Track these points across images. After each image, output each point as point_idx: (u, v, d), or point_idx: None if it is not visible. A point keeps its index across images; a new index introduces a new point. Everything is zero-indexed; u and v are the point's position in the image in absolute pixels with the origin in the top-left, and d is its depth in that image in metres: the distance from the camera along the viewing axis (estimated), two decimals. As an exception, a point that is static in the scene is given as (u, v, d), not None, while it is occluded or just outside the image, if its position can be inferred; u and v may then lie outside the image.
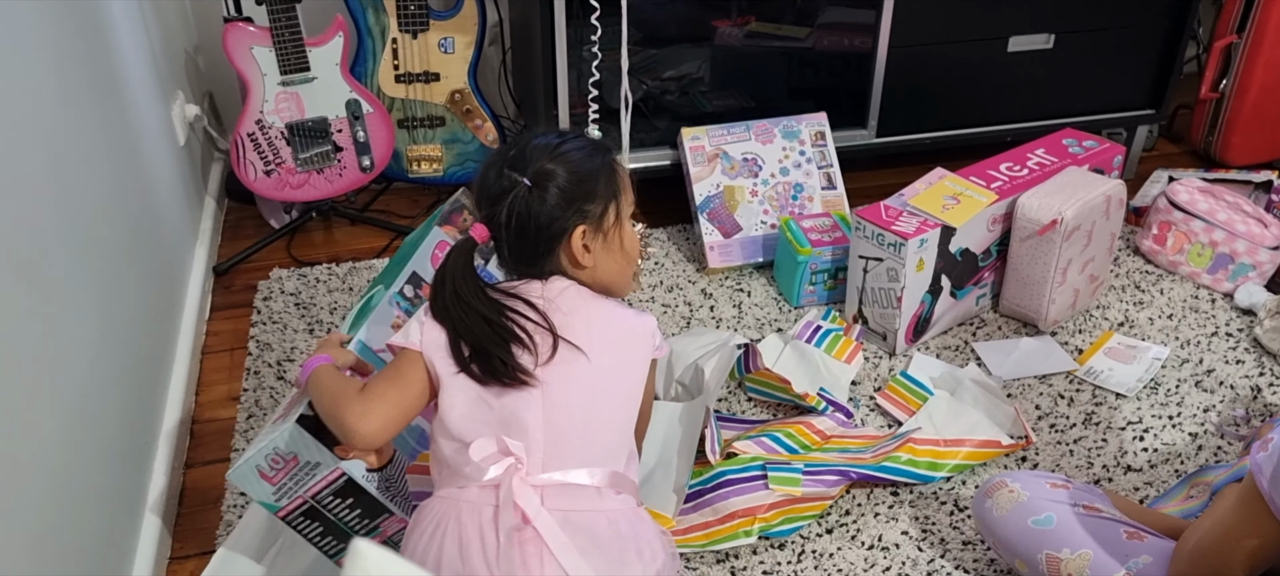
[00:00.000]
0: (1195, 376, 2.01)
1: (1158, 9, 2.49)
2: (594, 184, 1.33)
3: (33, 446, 1.22)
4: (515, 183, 1.30)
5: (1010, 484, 1.55)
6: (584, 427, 1.30)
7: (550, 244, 1.33)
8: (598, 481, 1.29)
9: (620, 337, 1.36)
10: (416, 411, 1.32)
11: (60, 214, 1.42)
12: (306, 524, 1.45)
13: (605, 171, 1.35)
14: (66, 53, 1.57)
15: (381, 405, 1.28)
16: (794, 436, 1.80)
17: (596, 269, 1.36)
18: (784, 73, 2.58)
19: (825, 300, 2.19)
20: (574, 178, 1.32)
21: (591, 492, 1.29)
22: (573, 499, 1.28)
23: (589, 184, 1.33)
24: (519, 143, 1.35)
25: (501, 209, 1.30)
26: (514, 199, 1.29)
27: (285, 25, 2.20)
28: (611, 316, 1.36)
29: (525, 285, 1.34)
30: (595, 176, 1.34)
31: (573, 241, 1.32)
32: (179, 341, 1.99)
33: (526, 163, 1.31)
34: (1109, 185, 2.06)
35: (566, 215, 1.31)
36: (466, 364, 1.28)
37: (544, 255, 1.34)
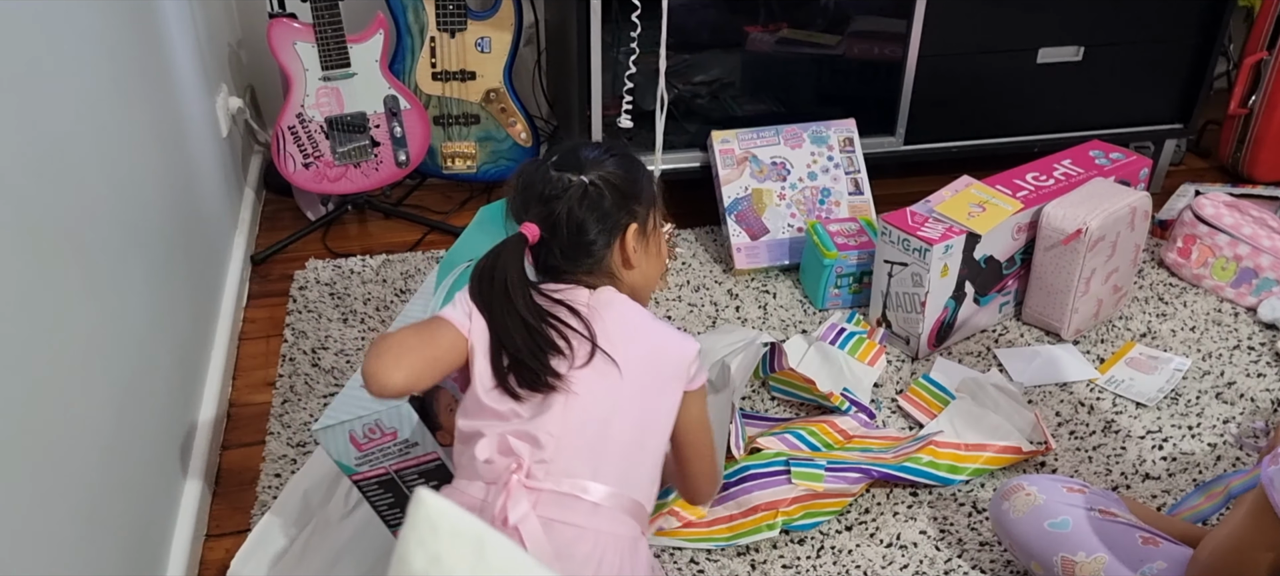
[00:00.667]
0: (1216, 388, 2.03)
1: (1188, 23, 2.51)
2: (641, 185, 1.37)
3: (85, 424, 1.27)
4: (571, 182, 1.31)
5: (1027, 487, 1.58)
6: (599, 441, 1.27)
7: (607, 241, 1.33)
8: (599, 498, 1.25)
9: (659, 361, 1.33)
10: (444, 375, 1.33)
11: (113, 200, 1.48)
12: (380, 493, 1.48)
13: (648, 176, 1.39)
14: (120, 45, 1.63)
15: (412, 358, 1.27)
16: (817, 434, 1.84)
17: (637, 274, 1.38)
18: (814, 79, 2.61)
19: (850, 303, 2.22)
20: (626, 178, 1.34)
21: (587, 508, 1.24)
22: (566, 510, 1.24)
23: (638, 185, 1.36)
24: (564, 148, 1.37)
25: (559, 207, 1.30)
26: (571, 197, 1.31)
27: (328, 22, 2.26)
28: (655, 337, 1.35)
29: (572, 291, 1.34)
30: (641, 179, 1.37)
31: (627, 239, 1.34)
32: (218, 327, 2.05)
33: (580, 165, 1.33)
34: (1134, 197, 2.08)
35: (620, 213, 1.33)
36: (504, 372, 1.27)
37: (598, 254, 1.34)
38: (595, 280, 1.35)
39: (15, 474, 1.07)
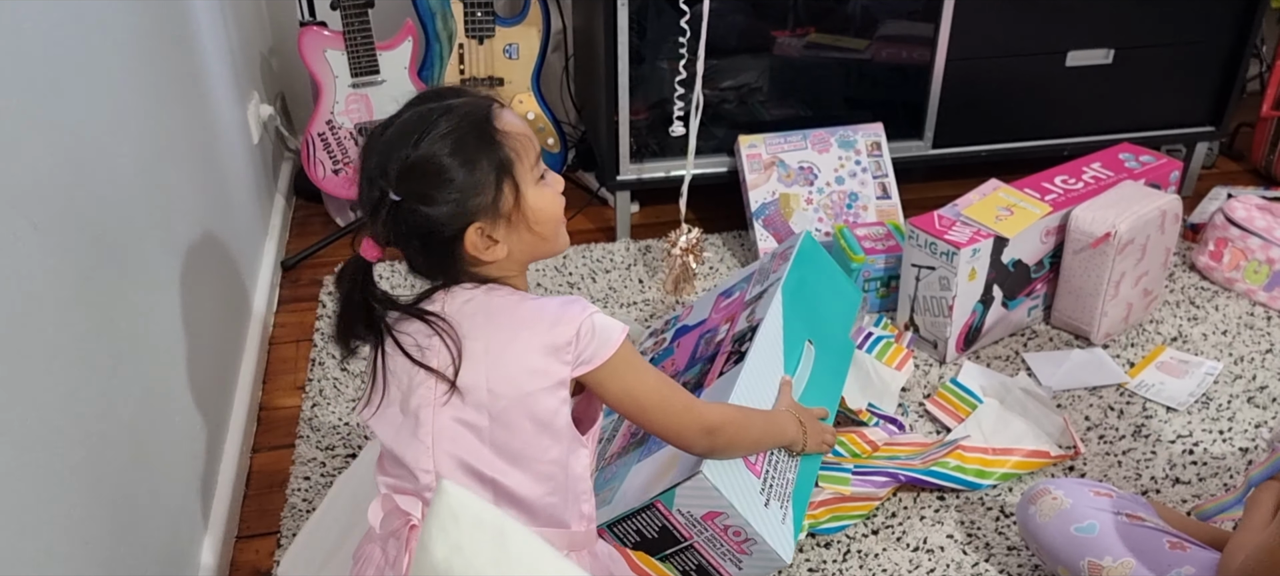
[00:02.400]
0: (1248, 392, 2.01)
1: (1220, 25, 2.49)
2: (474, 173, 1.14)
3: (118, 421, 1.30)
4: (381, 196, 1.14)
5: (1054, 491, 1.57)
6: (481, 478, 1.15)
7: (445, 249, 1.18)
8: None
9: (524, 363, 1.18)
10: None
11: (146, 205, 1.51)
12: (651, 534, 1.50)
13: (485, 150, 1.15)
14: (154, 53, 1.66)
15: None
16: (845, 444, 1.83)
17: (511, 254, 1.21)
18: (842, 83, 2.61)
19: (878, 307, 2.21)
20: (445, 177, 1.13)
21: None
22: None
23: (468, 175, 1.14)
24: (376, 139, 1.17)
25: (378, 226, 1.16)
26: (386, 215, 1.14)
27: (358, 29, 2.28)
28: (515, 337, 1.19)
29: (426, 300, 1.22)
30: (473, 164, 1.14)
31: (468, 243, 1.17)
32: (249, 331, 2.07)
33: (388, 168, 1.13)
34: (1164, 200, 2.06)
35: (451, 221, 1.15)
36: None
37: (444, 262, 1.21)
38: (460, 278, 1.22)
39: (49, 474, 1.09)
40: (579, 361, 1.19)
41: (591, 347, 1.19)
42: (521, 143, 1.19)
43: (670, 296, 2.27)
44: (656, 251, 2.40)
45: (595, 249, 2.46)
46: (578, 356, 1.19)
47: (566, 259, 2.42)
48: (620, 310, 2.24)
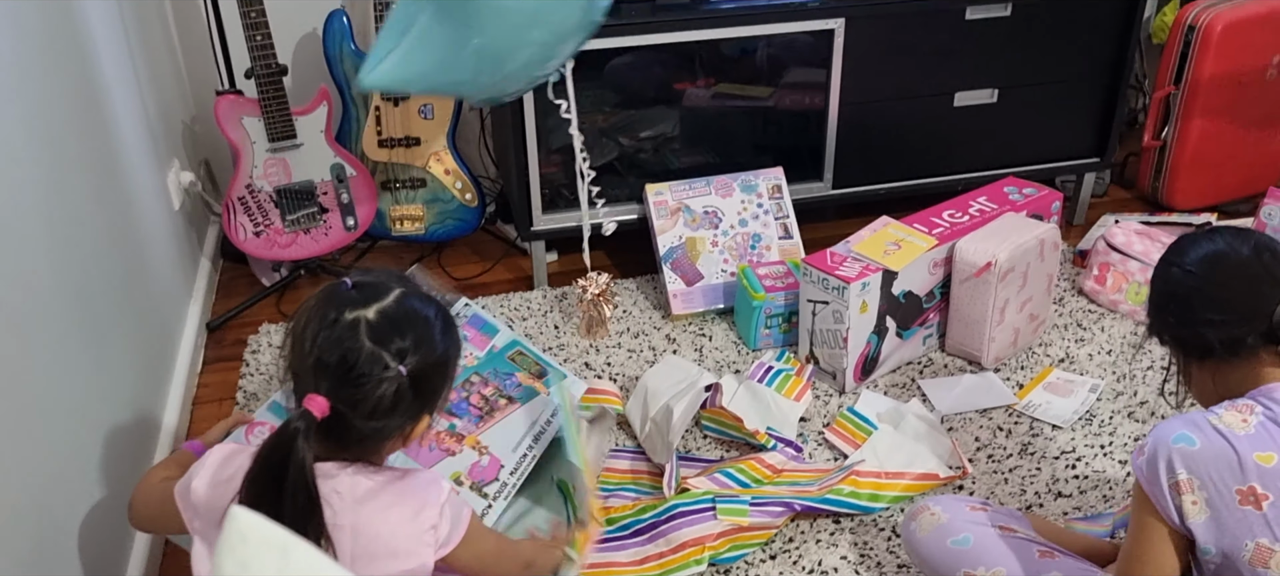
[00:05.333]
0: (1129, 408, 2.12)
1: (1097, 62, 2.64)
2: (451, 368, 1.26)
3: (21, 497, 1.35)
4: (386, 371, 1.17)
5: (933, 507, 1.66)
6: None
7: (398, 431, 1.24)
8: None
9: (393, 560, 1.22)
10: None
11: (53, 276, 1.56)
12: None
13: (456, 346, 1.28)
14: (62, 123, 1.72)
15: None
16: (746, 471, 1.92)
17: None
18: (749, 130, 2.73)
19: (780, 342, 2.31)
20: (441, 363, 1.23)
21: None
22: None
23: (450, 368, 1.26)
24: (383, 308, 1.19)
25: (365, 393, 1.16)
26: (385, 388, 1.17)
27: (273, 96, 2.36)
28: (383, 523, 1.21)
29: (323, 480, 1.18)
30: (453, 359, 1.26)
31: (415, 431, 1.25)
32: (170, 393, 2.12)
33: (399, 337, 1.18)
34: (1042, 229, 2.19)
35: (422, 406, 1.24)
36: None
37: (380, 444, 1.24)
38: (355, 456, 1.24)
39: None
40: (441, 544, 1.25)
41: (452, 532, 1.27)
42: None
43: (584, 340, 2.36)
44: (572, 298, 2.49)
45: (513, 298, 2.55)
46: (439, 543, 1.25)
47: (485, 307, 2.49)
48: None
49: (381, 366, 1.17)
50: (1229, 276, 1.37)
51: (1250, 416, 1.32)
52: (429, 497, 1.25)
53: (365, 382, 1.16)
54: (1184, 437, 1.32)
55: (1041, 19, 2.54)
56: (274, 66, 2.34)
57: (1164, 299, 1.45)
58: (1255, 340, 1.35)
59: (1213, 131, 2.75)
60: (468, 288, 2.63)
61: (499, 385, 1.90)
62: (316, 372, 1.17)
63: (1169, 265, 1.44)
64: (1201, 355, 1.42)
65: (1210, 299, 1.38)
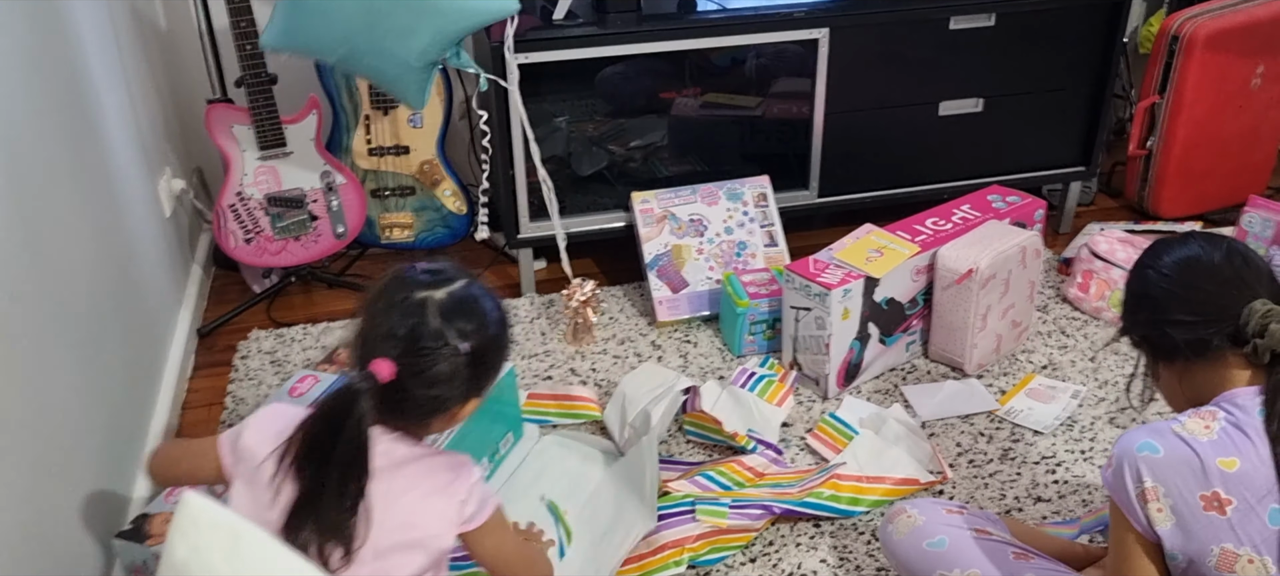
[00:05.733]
0: (1109, 414, 2.14)
1: (1081, 73, 2.66)
2: (504, 356, 1.34)
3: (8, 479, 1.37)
4: (448, 347, 1.25)
5: (909, 510, 1.67)
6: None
7: (448, 410, 1.30)
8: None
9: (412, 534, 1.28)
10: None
11: (42, 278, 1.58)
12: None
13: (510, 342, 1.36)
14: (51, 131, 1.75)
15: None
16: (726, 474, 1.94)
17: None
18: (736, 139, 2.75)
19: (764, 349, 2.33)
20: (496, 350, 1.31)
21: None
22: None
23: (503, 356, 1.33)
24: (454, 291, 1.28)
25: (427, 366, 1.23)
26: (445, 363, 1.24)
27: (263, 105, 2.39)
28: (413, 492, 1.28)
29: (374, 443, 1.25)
30: (506, 348, 1.34)
31: (464, 410, 1.31)
32: (159, 398, 2.14)
33: (464, 319, 1.26)
34: (1024, 237, 2.21)
35: (474, 388, 1.30)
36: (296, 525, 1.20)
37: (429, 419, 1.31)
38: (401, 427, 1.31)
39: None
40: (466, 520, 1.31)
41: (478, 512, 1.33)
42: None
43: (570, 346, 2.38)
44: (560, 305, 2.50)
45: (501, 305, 2.57)
46: (464, 518, 1.31)
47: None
48: (521, 361, 2.33)
49: (445, 343, 1.24)
50: (1199, 279, 1.39)
51: (1213, 423, 1.33)
52: (460, 476, 1.32)
53: (429, 355, 1.23)
54: (1148, 446, 1.33)
55: (1026, 29, 2.56)
56: (264, 75, 2.37)
57: (1136, 299, 1.47)
58: (1221, 342, 1.37)
59: (1197, 140, 2.77)
60: (457, 295, 2.65)
61: None
62: (385, 341, 1.23)
63: (1144, 267, 1.46)
64: (1169, 356, 1.43)
65: (1180, 300, 1.39)
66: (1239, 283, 1.36)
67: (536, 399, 2.16)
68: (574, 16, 2.42)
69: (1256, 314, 1.32)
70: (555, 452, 2.03)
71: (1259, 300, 1.33)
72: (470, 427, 1.83)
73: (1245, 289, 1.36)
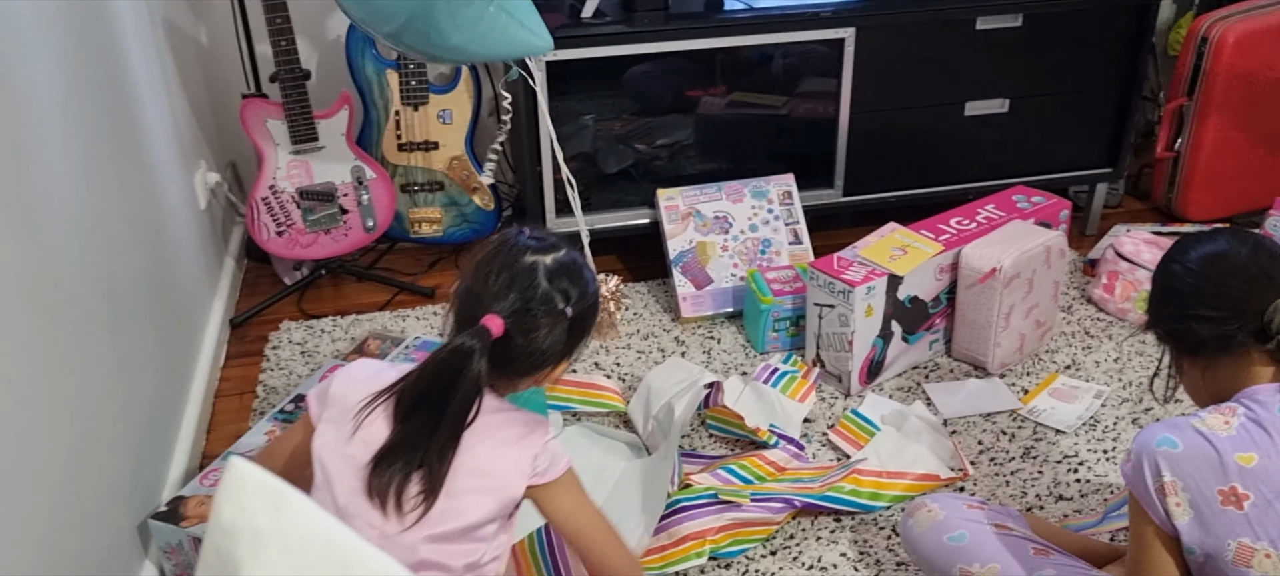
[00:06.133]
0: (1133, 414, 2.14)
1: (1108, 75, 2.66)
2: (591, 325, 1.41)
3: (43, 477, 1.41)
4: (557, 309, 1.32)
5: (930, 504, 1.69)
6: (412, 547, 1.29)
7: (545, 365, 1.36)
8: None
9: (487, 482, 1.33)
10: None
11: (83, 266, 1.63)
12: None
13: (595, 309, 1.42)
14: (94, 124, 1.79)
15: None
16: (748, 468, 1.96)
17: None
18: (762, 138, 2.77)
19: (788, 346, 2.35)
20: (589, 314, 1.39)
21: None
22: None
23: (592, 323, 1.41)
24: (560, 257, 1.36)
25: (535, 324, 1.31)
26: (552, 321, 1.32)
27: (296, 100, 2.43)
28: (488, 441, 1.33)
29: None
30: (594, 318, 1.42)
31: (556, 372, 1.39)
32: (193, 385, 2.19)
33: (567, 283, 1.34)
34: (1048, 236, 2.21)
35: (570, 347, 1.38)
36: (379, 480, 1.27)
37: (526, 376, 1.37)
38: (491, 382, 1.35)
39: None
40: (536, 474, 1.35)
41: (549, 468, 1.36)
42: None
43: (594, 341, 2.40)
44: (585, 300, 2.53)
45: (527, 300, 2.60)
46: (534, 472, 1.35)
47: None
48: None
49: (553, 305, 1.32)
50: (1225, 274, 1.40)
51: (1233, 418, 1.34)
52: (535, 431, 1.37)
53: (537, 315, 1.31)
54: (1167, 441, 1.34)
55: (1053, 30, 2.57)
56: (298, 71, 2.41)
57: (1163, 294, 1.48)
58: (1245, 338, 1.38)
59: (1226, 143, 2.76)
60: (484, 289, 2.69)
61: None
62: (496, 300, 1.31)
63: (1170, 262, 1.47)
64: (1193, 350, 1.44)
65: (1205, 295, 1.40)
66: (1265, 279, 1.37)
67: (561, 385, 2.18)
68: (602, 15, 2.45)
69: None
70: (580, 443, 2.06)
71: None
72: None
73: (1271, 286, 1.37)
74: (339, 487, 1.30)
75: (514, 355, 1.32)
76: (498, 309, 1.30)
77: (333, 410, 1.34)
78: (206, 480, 1.82)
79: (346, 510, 1.29)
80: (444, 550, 1.31)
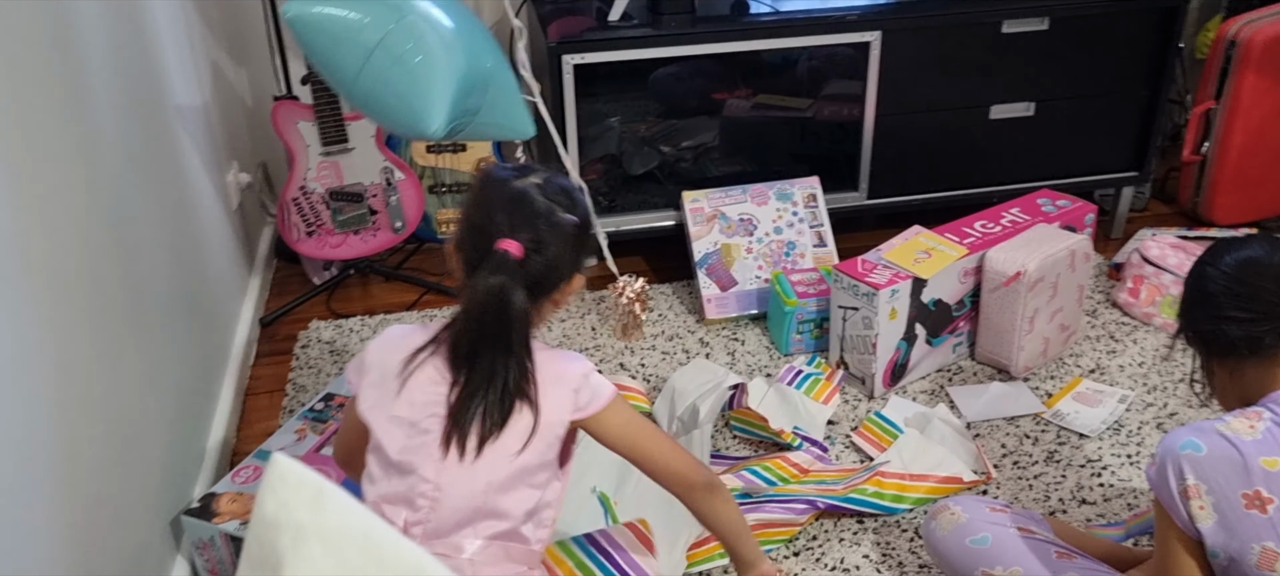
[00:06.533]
0: (1158, 419, 2.14)
1: (1134, 78, 2.66)
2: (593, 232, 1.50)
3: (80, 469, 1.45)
4: (562, 219, 1.36)
5: (953, 507, 1.70)
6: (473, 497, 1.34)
7: (560, 284, 1.40)
8: (473, 553, 1.34)
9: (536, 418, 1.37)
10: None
11: (118, 265, 1.66)
12: None
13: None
14: (130, 123, 1.83)
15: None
16: (772, 470, 1.97)
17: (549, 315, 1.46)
18: (786, 140, 2.78)
19: (812, 348, 2.36)
20: (590, 227, 1.45)
21: (463, 565, 1.33)
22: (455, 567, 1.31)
23: (591, 236, 1.49)
24: (542, 174, 1.40)
25: (548, 237, 1.35)
26: (561, 233, 1.36)
27: (327, 102, 2.47)
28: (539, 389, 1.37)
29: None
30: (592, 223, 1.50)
31: (572, 283, 1.43)
32: (224, 383, 2.22)
33: (563, 201, 1.38)
34: (1073, 240, 2.21)
35: (579, 259, 1.42)
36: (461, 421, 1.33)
37: (546, 296, 1.40)
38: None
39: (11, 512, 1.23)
40: (579, 409, 1.39)
41: (592, 400, 1.40)
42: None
43: (619, 341, 2.42)
44: (609, 300, 2.55)
45: (553, 300, 2.62)
46: (578, 408, 1.39)
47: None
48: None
49: (554, 217, 1.36)
50: (1257, 277, 1.41)
51: (1258, 423, 1.35)
52: (573, 365, 1.41)
53: (544, 230, 1.35)
54: (1191, 444, 1.35)
55: (1079, 33, 2.57)
56: (328, 73, 2.45)
57: (1195, 296, 1.49)
58: (1274, 340, 1.38)
59: (1253, 147, 2.75)
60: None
61: None
62: (503, 229, 1.33)
63: (1203, 265, 1.48)
64: (1223, 353, 1.45)
65: (1236, 297, 1.41)
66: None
67: None
68: (629, 18, 2.47)
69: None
70: None
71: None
72: None
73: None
74: (390, 445, 1.35)
75: (534, 277, 1.35)
76: (506, 235, 1.33)
77: (372, 375, 1.39)
78: (237, 477, 1.85)
79: (402, 465, 1.34)
80: (502, 499, 1.35)
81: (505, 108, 1.98)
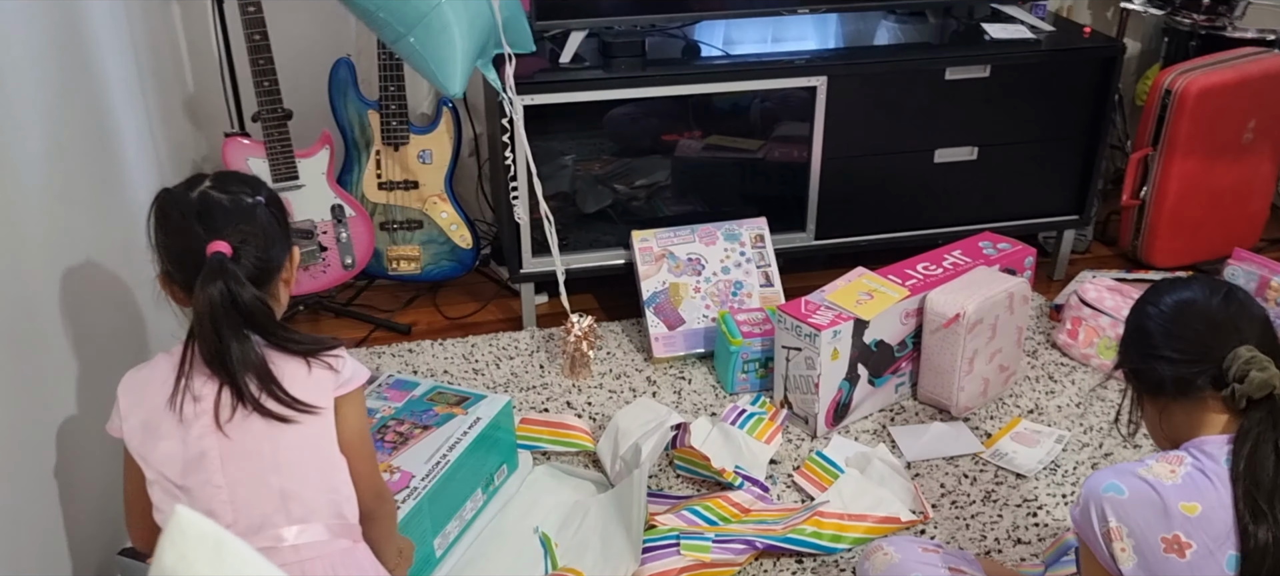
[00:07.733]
0: (1093, 459, 2.18)
1: (1075, 124, 2.72)
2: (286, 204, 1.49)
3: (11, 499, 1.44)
4: (250, 201, 1.37)
5: (886, 548, 1.73)
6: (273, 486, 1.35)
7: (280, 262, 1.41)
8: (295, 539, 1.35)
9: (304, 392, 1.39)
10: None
11: (57, 301, 1.66)
12: None
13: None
14: (74, 160, 1.83)
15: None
16: (712, 509, 1.99)
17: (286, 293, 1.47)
18: (736, 181, 2.82)
19: (757, 387, 2.38)
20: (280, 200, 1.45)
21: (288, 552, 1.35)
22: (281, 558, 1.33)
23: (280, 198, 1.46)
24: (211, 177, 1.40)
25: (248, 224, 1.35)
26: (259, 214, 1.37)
27: (277, 139, 2.47)
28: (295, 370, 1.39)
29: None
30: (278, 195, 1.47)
31: (293, 258, 1.45)
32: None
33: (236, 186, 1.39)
34: (1012, 283, 2.26)
35: (289, 237, 1.43)
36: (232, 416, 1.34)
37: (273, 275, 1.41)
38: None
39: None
40: (341, 383, 1.42)
41: (353, 376, 1.44)
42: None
43: (567, 379, 2.44)
44: (559, 338, 2.57)
45: (502, 337, 2.64)
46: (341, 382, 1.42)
47: (474, 346, 2.59)
48: (519, 394, 2.40)
49: (242, 204, 1.37)
50: (1192, 319, 1.44)
51: (1179, 467, 1.38)
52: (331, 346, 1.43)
53: (242, 220, 1.35)
54: (1113, 487, 1.38)
55: (1020, 80, 2.63)
56: (280, 111, 2.46)
57: (1133, 333, 1.52)
58: (1204, 382, 1.41)
59: (1189, 192, 2.83)
60: (460, 326, 2.72)
61: (414, 420, 1.98)
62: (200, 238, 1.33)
63: (1144, 303, 1.51)
64: (1154, 390, 1.48)
65: (1171, 337, 1.44)
66: (1230, 327, 1.41)
67: (529, 424, 2.22)
68: (581, 59, 2.50)
69: (1240, 359, 1.36)
70: (548, 483, 2.09)
71: (1245, 346, 1.37)
72: (465, 459, 1.89)
73: (1234, 334, 1.40)
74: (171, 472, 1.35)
75: (252, 269, 1.35)
76: (206, 242, 1.33)
77: (134, 419, 1.38)
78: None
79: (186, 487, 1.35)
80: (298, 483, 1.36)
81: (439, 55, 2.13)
